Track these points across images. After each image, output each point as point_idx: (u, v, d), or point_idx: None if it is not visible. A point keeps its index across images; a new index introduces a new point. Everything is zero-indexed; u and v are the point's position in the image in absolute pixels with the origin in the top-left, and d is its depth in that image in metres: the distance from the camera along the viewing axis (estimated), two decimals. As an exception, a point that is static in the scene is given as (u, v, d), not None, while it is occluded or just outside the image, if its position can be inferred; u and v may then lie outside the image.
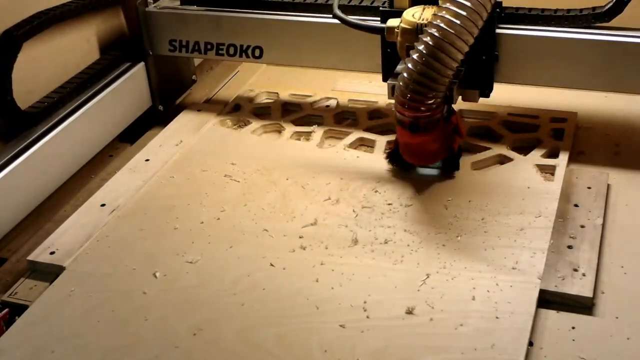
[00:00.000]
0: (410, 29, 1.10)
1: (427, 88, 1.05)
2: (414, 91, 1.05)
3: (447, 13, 1.02)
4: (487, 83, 1.23)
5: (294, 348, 0.90)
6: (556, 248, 1.03)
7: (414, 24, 1.10)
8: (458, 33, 1.02)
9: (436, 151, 1.15)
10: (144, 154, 1.31)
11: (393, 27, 1.14)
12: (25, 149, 1.19)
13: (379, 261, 1.02)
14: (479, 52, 1.18)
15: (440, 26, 1.02)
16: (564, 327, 0.92)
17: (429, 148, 1.14)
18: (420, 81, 1.05)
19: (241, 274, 1.02)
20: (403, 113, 1.09)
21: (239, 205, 1.16)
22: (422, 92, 1.06)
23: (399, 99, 1.08)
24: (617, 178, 1.18)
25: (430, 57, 1.03)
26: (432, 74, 1.04)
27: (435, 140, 1.13)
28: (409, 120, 1.09)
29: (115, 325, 0.96)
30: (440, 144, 1.14)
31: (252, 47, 1.39)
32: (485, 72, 1.22)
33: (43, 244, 1.11)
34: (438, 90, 1.06)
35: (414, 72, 1.05)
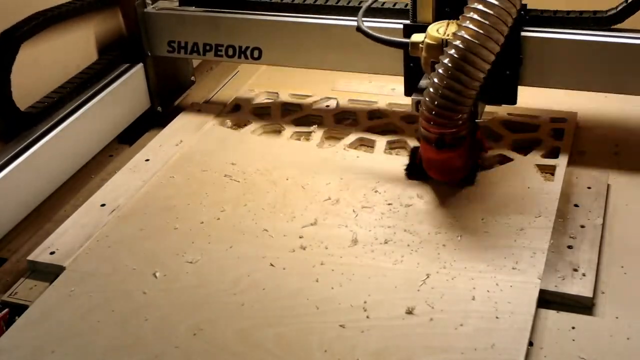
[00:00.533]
0: (435, 45, 1.08)
1: (454, 102, 1.03)
2: (441, 106, 1.03)
3: (471, 23, 1.01)
4: (512, 92, 1.21)
5: (294, 348, 0.90)
6: (556, 248, 1.03)
7: (439, 40, 1.08)
8: (483, 42, 1.00)
9: (460, 167, 1.14)
10: (144, 154, 1.31)
11: (417, 42, 1.11)
12: (25, 149, 1.19)
13: (379, 261, 1.02)
14: (503, 67, 1.16)
15: (464, 37, 1.00)
16: (564, 327, 0.92)
17: (453, 164, 1.13)
18: (447, 95, 1.02)
19: (241, 274, 1.02)
20: (429, 129, 1.07)
21: (239, 205, 1.16)
22: (450, 107, 1.03)
23: (425, 114, 1.05)
24: (617, 178, 1.18)
25: (456, 69, 1.01)
26: (459, 87, 1.02)
27: (461, 156, 1.11)
28: (435, 136, 1.07)
29: (115, 325, 0.96)
30: (465, 160, 1.13)
31: (251, 48, 1.39)
32: (511, 82, 1.20)
33: (43, 244, 1.11)
34: (465, 104, 1.04)
35: (440, 86, 1.02)
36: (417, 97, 1.10)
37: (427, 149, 1.11)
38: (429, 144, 1.09)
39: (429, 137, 1.08)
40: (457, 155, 1.10)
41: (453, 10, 1.13)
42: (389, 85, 1.47)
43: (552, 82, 1.23)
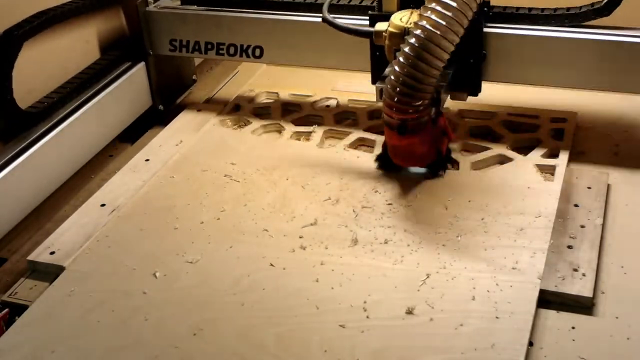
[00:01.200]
0: (398, 33, 1.11)
1: (414, 89, 1.05)
2: (401, 93, 1.06)
3: (432, 13, 1.03)
4: (475, 84, 1.24)
5: (294, 348, 0.90)
6: (556, 248, 1.03)
7: (402, 28, 1.11)
8: (443, 33, 1.03)
9: (424, 153, 1.16)
10: (144, 154, 1.31)
11: (381, 30, 1.14)
12: (25, 149, 1.19)
13: (379, 261, 1.02)
14: (467, 54, 1.19)
15: (425, 27, 1.03)
16: (564, 327, 0.92)
17: (416, 150, 1.14)
18: (407, 82, 1.05)
19: (241, 274, 1.02)
20: (391, 115, 1.09)
21: (239, 205, 1.16)
22: (409, 94, 1.06)
23: (387, 101, 1.08)
24: (617, 178, 1.18)
25: (416, 58, 1.03)
26: (418, 75, 1.04)
27: (423, 142, 1.13)
28: (397, 122, 1.09)
29: (115, 325, 0.96)
30: (429, 146, 1.15)
31: (253, 47, 1.39)
32: (473, 73, 1.22)
33: (43, 244, 1.11)
34: (425, 91, 1.06)
35: (400, 73, 1.05)
36: (381, 85, 1.12)
37: (390, 136, 1.13)
38: (391, 130, 1.11)
39: (392, 122, 1.10)
40: (420, 141, 1.12)
41: (417, 0, 1.15)
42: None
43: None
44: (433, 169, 1.19)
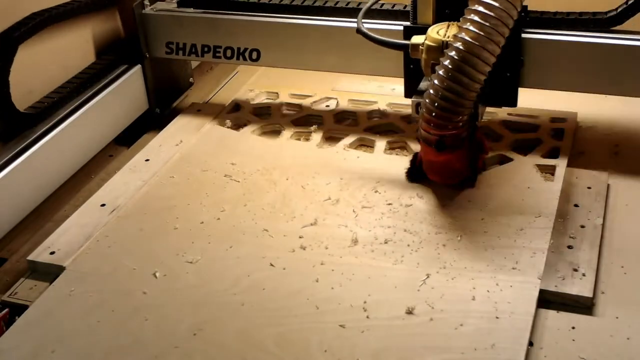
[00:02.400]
0: (436, 47, 1.08)
1: (454, 104, 1.03)
2: (441, 108, 1.03)
3: (472, 25, 1.00)
4: (512, 95, 1.21)
5: (294, 348, 0.90)
6: (556, 248, 1.03)
7: (439, 42, 1.07)
8: (483, 44, 1.00)
9: (460, 169, 1.14)
10: (144, 154, 1.32)
11: (418, 44, 1.11)
12: (25, 149, 1.19)
13: (379, 261, 1.02)
14: (504, 65, 1.16)
15: (465, 39, 1.00)
16: (564, 327, 0.92)
17: (454, 166, 1.13)
18: (447, 97, 1.02)
19: (241, 274, 1.02)
20: (429, 131, 1.06)
21: (239, 205, 1.16)
22: (449, 109, 1.03)
23: (425, 116, 1.05)
24: (617, 178, 1.18)
25: (457, 71, 1.01)
26: (459, 88, 1.01)
27: (461, 158, 1.11)
28: (435, 138, 1.06)
29: (115, 325, 0.96)
30: (465, 162, 1.13)
31: (250, 50, 1.38)
32: (511, 84, 1.20)
33: (43, 244, 1.11)
34: (465, 106, 1.04)
35: (440, 88, 1.02)
36: (417, 99, 1.10)
37: (427, 151, 1.11)
38: (429, 146, 1.08)
39: (429, 139, 1.07)
40: (457, 158, 1.11)
41: (453, 12, 1.12)
42: (389, 85, 1.47)
43: (552, 84, 1.23)
44: (465, 185, 1.16)
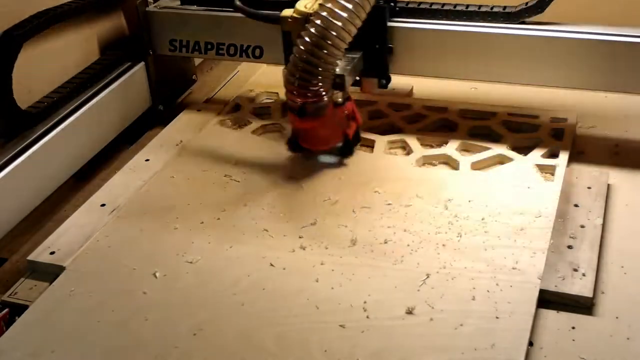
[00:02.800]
0: (301, 19, 1.15)
1: (311, 74, 1.11)
2: (300, 78, 1.11)
3: (332, 4, 1.08)
4: (383, 72, 1.31)
5: (294, 348, 0.90)
6: (556, 248, 1.03)
7: (304, 14, 1.14)
8: (342, 23, 1.09)
9: (327, 137, 1.21)
10: (144, 154, 1.32)
11: (286, 16, 1.18)
12: (25, 149, 1.19)
13: (379, 261, 1.02)
14: (372, 41, 1.27)
15: (323, 16, 1.09)
16: (564, 327, 0.92)
17: (318, 133, 1.19)
18: (305, 68, 1.10)
19: (241, 274, 1.02)
20: (292, 99, 1.14)
21: (239, 205, 1.16)
22: (307, 79, 1.11)
23: (288, 85, 1.13)
24: (617, 178, 1.18)
25: (313, 45, 1.09)
26: (316, 61, 1.10)
27: (325, 125, 1.18)
28: (298, 105, 1.14)
29: (115, 325, 0.96)
30: (332, 130, 1.20)
31: (253, 47, 1.39)
32: (380, 61, 1.29)
33: (43, 244, 1.11)
34: (323, 76, 1.12)
35: (298, 59, 1.10)
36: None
37: (293, 119, 1.18)
38: (292, 113, 1.16)
39: (293, 106, 1.15)
40: (321, 125, 1.17)
41: None
42: (389, 85, 1.46)
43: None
44: (341, 151, 1.24)
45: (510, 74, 1.27)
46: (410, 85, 1.46)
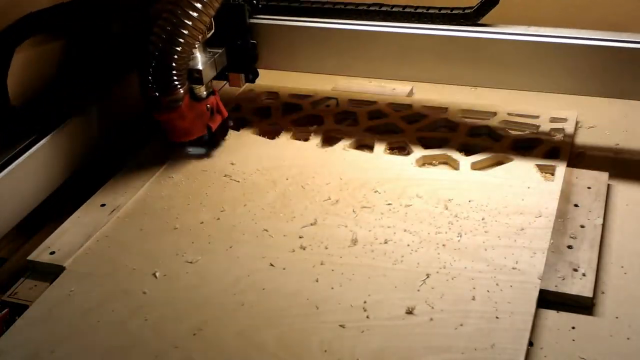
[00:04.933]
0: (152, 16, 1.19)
1: (162, 69, 1.16)
2: (154, 72, 1.17)
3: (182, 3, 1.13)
4: (248, 68, 1.36)
5: (294, 348, 0.91)
6: (556, 248, 1.03)
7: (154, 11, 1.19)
8: (190, 21, 1.14)
9: (186, 128, 1.24)
10: (143, 154, 1.31)
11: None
12: (25, 149, 1.19)
13: (379, 261, 1.02)
14: (234, 38, 1.33)
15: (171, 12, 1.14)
16: (564, 327, 0.92)
17: (177, 125, 1.23)
18: (157, 65, 1.16)
19: (241, 274, 1.02)
20: (150, 92, 1.18)
21: (239, 205, 1.16)
22: (159, 74, 1.17)
23: (146, 79, 1.18)
24: (617, 178, 1.18)
25: (160, 42, 1.15)
26: (164, 57, 1.15)
27: (183, 118, 1.22)
28: (154, 99, 1.19)
29: (115, 325, 0.96)
30: (191, 122, 1.24)
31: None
32: (243, 57, 1.35)
33: (43, 244, 1.11)
34: (175, 71, 1.17)
35: (150, 56, 1.16)
36: None
37: (153, 112, 1.22)
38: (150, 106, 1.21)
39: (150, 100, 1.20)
40: (178, 117, 1.21)
41: None
42: (389, 85, 1.47)
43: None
44: (206, 144, 1.29)
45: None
46: (411, 86, 1.46)
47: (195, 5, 1.14)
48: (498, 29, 1.25)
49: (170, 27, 1.14)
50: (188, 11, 1.14)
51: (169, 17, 1.14)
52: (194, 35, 1.16)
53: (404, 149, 1.29)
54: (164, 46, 1.15)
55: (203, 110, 1.26)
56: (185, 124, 1.23)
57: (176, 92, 1.19)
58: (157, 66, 1.17)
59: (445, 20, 1.27)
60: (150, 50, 1.16)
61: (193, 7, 1.14)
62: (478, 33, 1.26)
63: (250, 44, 1.35)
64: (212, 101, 1.27)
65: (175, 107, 1.20)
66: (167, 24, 1.14)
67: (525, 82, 1.27)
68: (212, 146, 1.30)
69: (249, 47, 1.34)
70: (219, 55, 1.31)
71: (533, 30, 1.24)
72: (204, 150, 1.29)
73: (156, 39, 1.16)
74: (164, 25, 1.15)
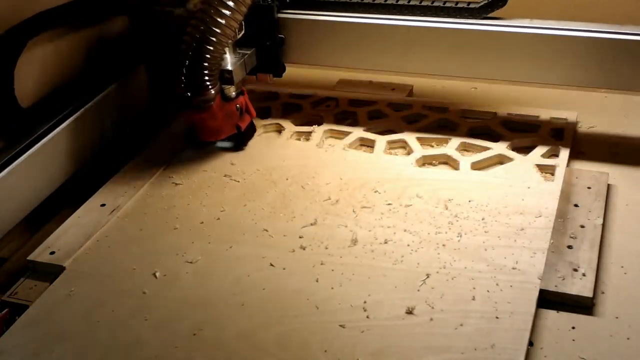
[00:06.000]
0: (185, 16, 1.21)
1: (196, 70, 1.17)
2: (186, 72, 1.18)
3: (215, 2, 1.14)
4: (276, 65, 1.38)
5: (294, 348, 0.91)
6: (556, 248, 1.03)
7: (191, 12, 1.21)
8: (225, 20, 1.15)
9: (217, 128, 1.26)
10: (143, 154, 1.31)
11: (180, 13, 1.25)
12: (25, 149, 1.19)
13: (379, 261, 1.03)
14: (263, 38, 1.34)
15: (203, 14, 1.15)
16: (564, 327, 0.92)
17: (208, 125, 1.25)
18: (191, 65, 1.17)
19: (241, 274, 1.02)
20: (180, 92, 1.20)
21: (239, 205, 1.16)
22: (192, 74, 1.18)
23: (178, 78, 1.19)
24: (617, 178, 1.18)
25: (193, 42, 1.16)
26: (198, 57, 1.17)
27: (214, 117, 1.23)
28: (185, 98, 1.20)
29: (115, 325, 0.96)
30: (221, 122, 1.25)
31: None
32: (272, 55, 1.36)
33: (43, 244, 1.11)
34: (208, 70, 1.18)
35: (183, 56, 1.17)
36: None
37: (184, 111, 1.24)
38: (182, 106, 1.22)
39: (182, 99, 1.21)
40: (210, 116, 1.23)
41: None
42: (389, 85, 1.47)
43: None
44: (235, 144, 1.30)
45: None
46: (411, 85, 1.46)
47: (228, 4, 1.14)
48: (502, 22, 1.26)
49: (204, 26, 1.15)
50: (221, 10, 1.14)
51: (202, 17, 1.15)
52: (227, 34, 1.17)
53: (404, 149, 1.29)
54: (197, 46, 1.16)
55: (233, 110, 1.27)
56: (216, 124, 1.25)
57: (208, 93, 1.20)
58: (190, 66, 1.17)
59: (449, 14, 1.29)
60: (182, 50, 1.17)
61: (226, 6, 1.14)
62: (483, 26, 1.26)
63: (279, 39, 1.36)
64: (241, 101, 1.28)
65: (207, 107, 1.21)
66: (200, 24, 1.15)
67: (529, 74, 1.27)
68: (241, 145, 1.30)
69: (277, 48, 1.36)
70: (249, 56, 1.32)
71: (537, 23, 1.24)
72: (231, 144, 1.31)
73: (189, 39, 1.16)
74: (198, 24, 1.15)
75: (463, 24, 1.28)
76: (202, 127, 1.26)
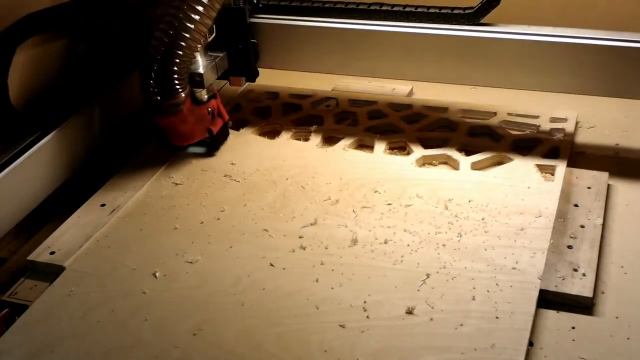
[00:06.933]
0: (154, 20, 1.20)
1: (163, 74, 1.17)
2: (155, 77, 1.17)
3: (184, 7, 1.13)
4: (248, 69, 1.37)
5: (294, 348, 0.91)
6: (556, 248, 1.03)
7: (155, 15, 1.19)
8: (192, 24, 1.14)
9: (188, 132, 1.25)
10: (143, 154, 1.31)
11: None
12: (25, 149, 1.19)
13: (379, 261, 1.02)
14: (235, 42, 1.33)
15: (171, 18, 1.14)
16: (564, 327, 0.92)
17: (179, 129, 1.24)
18: (157, 69, 1.17)
19: (241, 274, 1.02)
20: (152, 97, 1.19)
21: (239, 205, 1.16)
22: (160, 79, 1.17)
23: (147, 82, 1.19)
24: (617, 178, 1.18)
25: (161, 47, 1.15)
26: (165, 62, 1.16)
27: (184, 121, 1.23)
28: (155, 102, 1.20)
29: (115, 325, 0.96)
30: (192, 126, 1.25)
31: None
32: (244, 61, 1.35)
33: (43, 244, 1.11)
34: (177, 75, 1.17)
35: (151, 60, 1.16)
36: None
37: (155, 116, 1.23)
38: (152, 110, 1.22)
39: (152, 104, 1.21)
40: (179, 121, 1.22)
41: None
42: (389, 85, 1.47)
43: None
44: (208, 148, 1.29)
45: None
46: (411, 86, 1.46)
47: (197, 9, 1.13)
48: (499, 29, 1.25)
49: (173, 30, 1.14)
50: (190, 14, 1.13)
51: (171, 21, 1.14)
52: (196, 38, 1.16)
53: (404, 149, 1.29)
54: (166, 50, 1.15)
55: (204, 113, 1.26)
56: (186, 128, 1.24)
57: (177, 96, 1.19)
58: (159, 70, 1.17)
59: (446, 20, 1.27)
60: (151, 54, 1.16)
61: (195, 11, 1.13)
62: (479, 32, 1.25)
63: (251, 43, 1.34)
64: (213, 104, 1.27)
65: (177, 111, 1.20)
66: (169, 28, 1.14)
67: (526, 81, 1.26)
68: (213, 149, 1.29)
69: (249, 51, 1.34)
70: (220, 59, 1.31)
71: (534, 29, 1.24)
72: (204, 149, 1.30)
73: (158, 43, 1.15)
74: (166, 28, 1.14)
75: (459, 31, 1.26)
76: (172, 132, 1.25)
